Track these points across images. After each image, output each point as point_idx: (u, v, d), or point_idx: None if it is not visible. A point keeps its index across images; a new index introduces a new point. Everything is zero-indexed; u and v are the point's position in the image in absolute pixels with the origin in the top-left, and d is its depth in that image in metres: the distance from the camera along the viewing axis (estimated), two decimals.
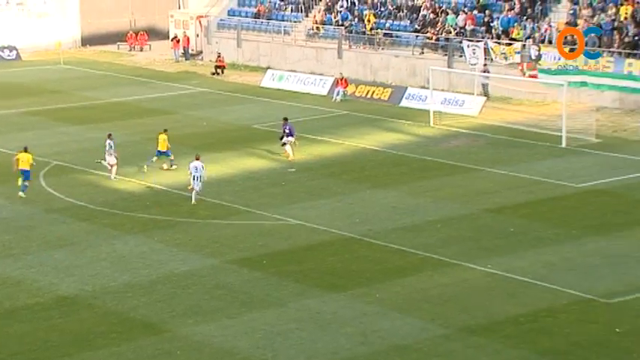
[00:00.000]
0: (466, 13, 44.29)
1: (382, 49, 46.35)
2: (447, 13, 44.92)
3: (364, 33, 47.03)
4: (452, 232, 25.18)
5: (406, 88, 42.40)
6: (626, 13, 39.81)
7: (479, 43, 41.99)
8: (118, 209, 27.87)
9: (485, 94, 40.45)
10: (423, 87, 42.36)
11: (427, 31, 44.93)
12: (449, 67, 42.86)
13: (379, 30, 46.59)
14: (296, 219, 26.62)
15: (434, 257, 23.42)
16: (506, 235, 24.84)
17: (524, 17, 42.47)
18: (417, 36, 45.25)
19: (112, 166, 30.55)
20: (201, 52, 54.71)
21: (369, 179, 30.22)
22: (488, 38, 42.49)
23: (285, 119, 33.19)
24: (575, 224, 25.47)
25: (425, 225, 25.80)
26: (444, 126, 37.10)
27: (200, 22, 54.73)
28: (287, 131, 32.38)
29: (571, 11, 41.37)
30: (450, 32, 43.78)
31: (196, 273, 22.90)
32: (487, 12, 43.82)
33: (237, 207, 27.82)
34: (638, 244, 23.87)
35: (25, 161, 28.55)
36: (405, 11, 46.99)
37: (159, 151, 31.48)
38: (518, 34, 41.81)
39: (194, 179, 28.07)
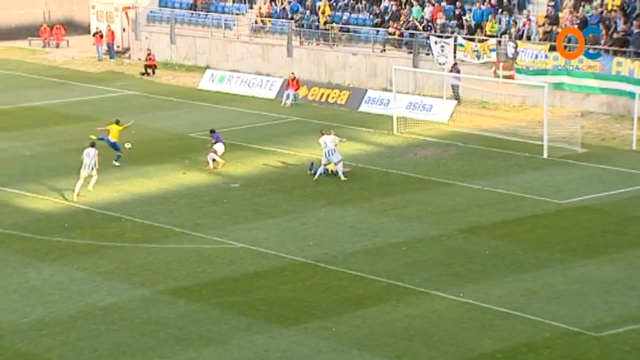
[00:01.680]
0: (434, 5, 44.77)
1: (338, 45, 46.63)
2: (412, 5, 45.36)
3: (317, 27, 47.26)
4: (419, 256, 25.36)
5: (366, 90, 42.69)
6: (614, 5, 40.54)
7: (448, 40, 42.46)
8: (30, 232, 27.56)
9: (456, 97, 40.87)
10: (385, 89, 42.69)
11: (389, 26, 45.29)
12: (414, 66, 43.26)
13: (335, 24, 46.86)
14: (240, 242, 26.60)
15: (399, 285, 23.55)
16: (481, 259, 25.10)
17: (500, 10, 43.06)
18: (377, 31, 45.60)
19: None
20: (128, 49, 54.48)
21: (324, 196, 30.33)
22: (459, 34, 43.00)
23: (212, 131, 33.68)
24: (558, 246, 25.82)
25: (389, 248, 25.95)
26: (409, 134, 37.40)
27: (127, 14, 54.51)
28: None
29: (552, 3, 42.06)
30: (416, 27, 44.20)
31: (124, 306, 22.74)
32: (458, 4, 44.36)
33: (171, 228, 27.71)
34: (630, 269, 24.27)
35: (114, 132, 33.25)
36: (364, 2, 47.35)
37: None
38: (493, 28, 42.37)
39: (326, 155, 31.31)
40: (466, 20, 43.42)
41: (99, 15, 55.73)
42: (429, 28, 43.84)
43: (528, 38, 41.53)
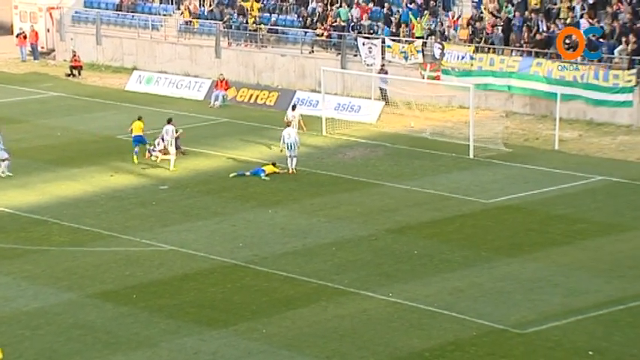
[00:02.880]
0: (361, 6, 45.01)
1: (267, 47, 46.63)
2: (340, 5, 45.46)
3: (246, 28, 47.20)
4: (349, 257, 25.53)
5: (295, 91, 42.78)
6: (536, 5, 41.14)
7: (376, 41, 42.76)
8: None
9: (384, 98, 41.20)
10: (313, 90, 42.82)
11: (317, 27, 45.43)
12: (342, 67, 43.46)
13: (263, 25, 46.86)
14: (169, 244, 26.48)
15: (329, 285, 23.69)
16: (409, 258, 25.36)
17: (426, 11, 43.44)
18: (305, 32, 45.72)
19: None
20: (53, 50, 53.73)
21: (253, 197, 30.34)
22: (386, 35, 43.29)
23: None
24: (484, 245, 26.21)
25: (318, 249, 26.07)
26: (338, 135, 37.60)
27: (51, 14, 53.76)
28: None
29: (474, 3, 42.57)
30: (343, 27, 44.34)
31: (50, 310, 22.50)
32: (385, 5, 44.66)
33: (99, 231, 27.47)
34: (553, 267, 24.74)
35: (137, 128, 34.32)
36: (291, 2, 47.39)
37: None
38: (420, 30, 42.72)
39: (288, 148, 32.16)
40: (395, 18, 43.68)
41: (22, 15, 54.81)
42: (357, 28, 44.05)
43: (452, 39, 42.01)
